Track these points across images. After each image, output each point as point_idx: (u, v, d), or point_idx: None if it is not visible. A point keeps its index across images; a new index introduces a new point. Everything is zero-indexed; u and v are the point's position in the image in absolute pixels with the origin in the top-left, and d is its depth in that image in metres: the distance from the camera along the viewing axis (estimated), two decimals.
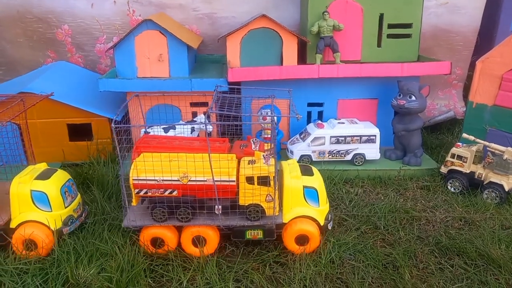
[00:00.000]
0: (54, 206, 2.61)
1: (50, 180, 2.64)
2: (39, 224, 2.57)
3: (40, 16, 4.23)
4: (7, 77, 4.43)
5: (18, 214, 2.58)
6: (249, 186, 2.47)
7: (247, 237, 2.59)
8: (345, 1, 3.70)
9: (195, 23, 4.32)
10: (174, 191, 2.48)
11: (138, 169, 2.45)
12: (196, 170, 2.43)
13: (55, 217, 2.61)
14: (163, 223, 2.54)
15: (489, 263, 2.49)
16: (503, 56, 3.40)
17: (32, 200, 2.57)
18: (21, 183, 2.58)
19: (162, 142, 2.73)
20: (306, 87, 3.75)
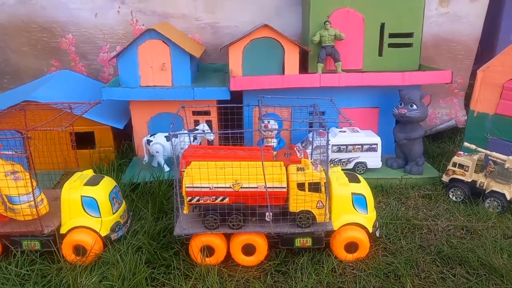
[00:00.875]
0: (103, 212, 2.62)
1: (99, 186, 2.67)
2: (89, 230, 2.59)
3: (44, 26, 4.28)
4: (11, 86, 4.47)
5: (68, 220, 2.59)
6: (300, 192, 2.47)
7: (296, 245, 2.59)
8: (347, 10, 3.73)
9: (197, 33, 4.36)
10: (226, 198, 2.49)
11: (191, 177, 2.46)
12: (247, 177, 2.44)
13: (104, 223, 2.63)
14: (214, 231, 2.54)
15: (491, 272, 2.48)
16: (504, 65, 3.42)
17: (82, 206, 2.59)
18: (71, 189, 2.60)
19: (208, 152, 2.78)
20: (307, 96, 3.76)
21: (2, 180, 2.48)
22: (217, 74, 4.29)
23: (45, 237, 2.57)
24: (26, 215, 2.53)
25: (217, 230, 2.54)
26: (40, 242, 2.58)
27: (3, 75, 4.55)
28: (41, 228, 2.54)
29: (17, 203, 2.51)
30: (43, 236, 2.56)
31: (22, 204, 2.51)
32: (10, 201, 2.51)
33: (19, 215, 2.53)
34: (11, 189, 2.47)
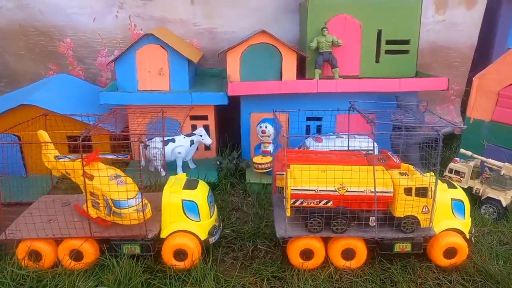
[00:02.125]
0: (202, 216, 2.61)
1: (198, 190, 2.65)
2: (190, 234, 2.57)
3: (42, 30, 4.28)
4: (8, 89, 4.46)
5: (169, 224, 2.58)
6: (407, 197, 2.46)
7: (395, 250, 2.58)
8: (344, 17, 3.76)
9: (195, 38, 4.38)
10: (330, 202, 2.48)
11: (296, 179, 2.46)
12: (353, 181, 2.43)
13: (203, 226, 2.62)
14: (317, 234, 2.53)
15: (487, 279, 2.49)
16: (500, 73, 3.45)
17: (183, 210, 2.57)
18: (172, 193, 2.58)
19: (299, 155, 2.79)
20: (305, 102, 3.78)
21: (108, 184, 2.45)
22: (215, 79, 4.30)
23: (145, 241, 2.54)
24: (132, 220, 2.49)
25: (320, 233, 2.52)
26: (140, 246, 2.56)
27: (0, 79, 4.55)
28: (146, 233, 2.51)
29: (125, 207, 2.47)
30: (144, 241, 2.54)
31: (129, 208, 2.48)
32: (117, 205, 2.47)
33: (126, 219, 2.49)
34: (119, 193, 2.45)
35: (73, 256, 2.52)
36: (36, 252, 2.51)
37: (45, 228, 2.54)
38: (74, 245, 2.51)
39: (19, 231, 2.51)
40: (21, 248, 2.52)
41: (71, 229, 2.51)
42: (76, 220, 2.61)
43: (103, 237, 2.54)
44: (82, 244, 2.51)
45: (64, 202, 2.89)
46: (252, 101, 3.75)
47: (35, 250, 2.51)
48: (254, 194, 3.47)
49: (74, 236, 2.50)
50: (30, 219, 2.56)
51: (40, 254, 2.51)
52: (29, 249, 2.50)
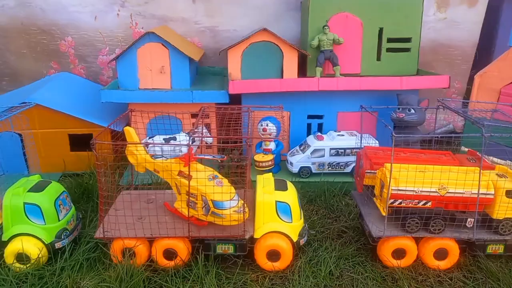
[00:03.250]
0: (294, 218, 2.57)
1: (289, 192, 2.62)
2: (282, 235, 2.54)
3: (44, 28, 4.30)
4: (10, 88, 4.48)
5: (262, 225, 2.54)
6: (509, 200, 2.44)
7: (488, 251, 2.57)
8: (345, 15, 3.76)
9: (197, 36, 4.38)
10: (428, 203, 2.47)
11: (397, 179, 2.44)
12: (453, 182, 2.41)
13: (295, 228, 2.58)
14: (414, 234, 2.52)
15: (488, 276, 2.49)
16: (501, 71, 3.45)
17: (276, 211, 2.55)
18: (266, 194, 2.56)
19: (388, 154, 2.75)
20: (306, 100, 3.79)
21: (207, 186, 2.43)
22: (216, 78, 4.30)
23: (239, 241, 2.53)
24: (233, 220, 2.46)
25: (417, 234, 2.51)
26: (234, 246, 2.54)
27: (2, 77, 4.57)
28: (243, 233, 2.50)
29: (225, 208, 2.45)
30: (237, 241, 2.53)
31: (230, 209, 2.45)
32: (217, 206, 2.45)
33: (226, 220, 2.46)
34: (220, 195, 2.43)
35: (168, 255, 2.53)
36: (130, 250, 2.51)
37: (137, 228, 2.52)
38: (169, 244, 2.51)
39: (117, 230, 2.50)
40: (116, 246, 2.52)
41: (168, 229, 2.50)
42: (168, 219, 2.61)
43: (199, 237, 2.52)
44: (175, 243, 2.51)
45: (149, 199, 2.88)
46: (253, 99, 3.76)
47: (129, 248, 2.50)
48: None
49: (172, 236, 2.50)
50: (122, 218, 2.54)
51: (133, 252, 2.51)
52: (124, 247, 2.50)
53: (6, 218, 2.53)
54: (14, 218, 2.53)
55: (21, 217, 2.53)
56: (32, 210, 2.53)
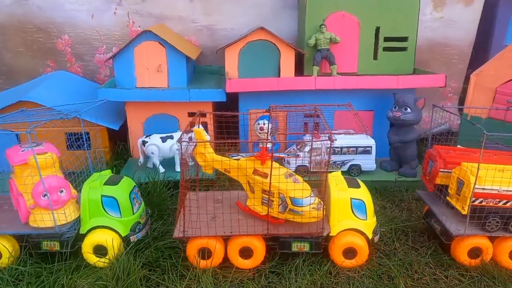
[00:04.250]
0: (369, 214, 2.58)
1: (363, 188, 2.63)
2: (356, 232, 2.55)
3: (40, 26, 4.28)
4: (6, 86, 4.46)
5: (337, 222, 2.56)
6: None
7: None
8: (342, 14, 3.76)
9: (194, 35, 4.38)
10: (509, 202, 2.48)
11: (481, 178, 2.44)
12: None
13: (369, 225, 2.59)
14: (495, 234, 2.52)
15: (484, 274, 2.51)
16: (497, 70, 3.46)
17: (351, 208, 2.55)
18: (340, 191, 2.56)
19: (458, 153, 2.79)
20: (303, 99, 3.79)
21: (285, 183, 2.44)
22: (213, 76, 4.30)
23: (315, 239, 2.53)
24: (312, 217, 2.46)
25: (497, 233, 2.52)
26: (310, 244, 2.55)
27: None
28: (321, 230, 2.50)
29: (304, 205, 2.45)
30: (313, 238, 2.53)
31: (308, 206, 2.46)
32: (295, 203, 2.45)
33: (305, 217, 2.46)
34: (298, 192, 2.43)
35: (243, 254, 2.55)
36: (207, 249, 2.52)
37: (213, 226, 2.54)
38: (245, 242, 2.51)
39: (197, 228, 2.51)
40: (192, 246, 2.53)
41: (246, 226, 2.51)
42: (241, 218, 2.61)
43: (277, 234, 2.52)
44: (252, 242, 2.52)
45: (216, 199, 2.88)
46: (250, 98, 3.76)
47: (206, 247, 2.51)
48: None
49: (252, 233, 2.50)
50: (195, 217, 2.54)
51: (210, 252, 2.52)
52: (201, 246, 2.51)
53: (84, 211, 2.54)
54: (92, 211, 2.54)
55: (99, 210, 2.55)
56: (109, 203, 2.55)
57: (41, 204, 2.43)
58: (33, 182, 2.47)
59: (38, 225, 2.48)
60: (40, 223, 2.47)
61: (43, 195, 2.42)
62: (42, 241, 2.54)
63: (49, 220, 2.45)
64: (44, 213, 2.46)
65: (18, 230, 2.52)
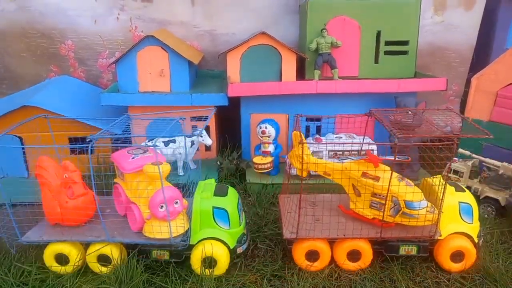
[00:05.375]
0: (474, 218, 2.58)
1: (467, 193, 2.63)
2: (465, 236, 2.54)
3: (44, 32, 4.32)
4: (10, 91, 4.49)
5: (446, 226, 2.54)
6: None
7: None
8: (343, 18, 3.78)
9: (196, 40, 4.41)
10: None
11: None
12: None
13: (475, 229, 2.59)
14: None
15: (485, 276, 2.51)
16: (498, 73, 3.47)
17: (459, 213, 2.55)
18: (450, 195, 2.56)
19: None
20: (304, 103, 3.81)
21: (399, 185, 2.43)
22: (215, 81, 4.33)
23: (422, 242, 2.55)
24: (427, 221, 2.45)
25: None
26: (417, 247, 2.56)
27: (2, 81, 4.58)
28: (434, 234, 2.50)
29: (418, 208, 2.44)
30: (421, 242, 2.54)
31: (422, 209, 2.45)
32: (410, 207, 2.45)
33: (420, 220, 2.45)
34: (412, 195, 2.43)
35: (350, 256, 2.56)
36: (314, 251, 2.55)
37: (321, 229, 2.56)
38: (353, 245, 2.54)
39: (310, 230, 2.53)
40: (299, 248, 2.55)
41: (355, 230, 2.53)
42: (342, 221, 2.62)
43: (391, 238, 2.53)
44: (360, 245, 2.54)
45: (312, 202, 2.89)
46: (252, 102, 3.78)
47: (313, 250, 2.54)
48: (254, 194, 3.49)
49: (365, 236, 2.52)
50: (302, 218, 2.54)
51: (317, 254, 2.55)
52: (309, 249, 2.54)
53: (195, 222, 2.52)
54: (202, 222, 2.53)
55: (209, 221, 2.53)
56: (220, 214, 2.53)
57: (159, 215, 2.40)
58: (147, 192, 2.46)
59: (154, 236, 2.45)
60: (157, 234, 2.44)
61: (160, 206, 2.40)
62: (152, 250, 2.53)
63: (165, 232, 2.43)
64: (159, 225, 2.44)
65: (133, 239, 2.51)
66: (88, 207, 2.57)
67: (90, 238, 2.51)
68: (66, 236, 2.52)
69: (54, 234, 2.56)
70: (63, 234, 2.54)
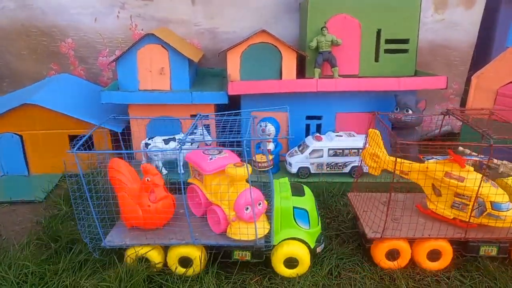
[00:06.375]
0: None
1: None
2: None
3: (44, 30, 4.32)
4: (11, 89, 4.50)
5: None
6: None
7: None
8: (343, 16, 3.78)
9: (196, 38, 4.41)
10: None
11: None
12: None
13: None
14: None
15: (485, 275, 2.51)
16: (498, 71, 3.47)
17: None
18: None
19: None
20: (304, 101, 3.81)
21: (486, 186, 2.42)
22: (216, 79, 4.33)
23: (503, 243, 2.54)
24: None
25: None
26: (497, 248, 2.55)
27: (3, 79, 4.58)
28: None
29: (506, 209, 2.44)
30: (502, 243, 2.54)
31: (510, 211, 2.44)
32: (496, 208, 2.43)
33: (507, 222, 2.43)
34: (499, 196, 2.42)
35: (431, 256, 2.57)
36: (395, 251, 2.55)
37: (400, 229, 2.57)
38: (434, 246, 2.54)
39: (396, 230, 2.54)
40: (380, 247, 2.56)
41: (440, 229, 2.54)
42: (421, 221, 2.62)
43: (474, 239, 2.53)
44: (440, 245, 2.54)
45: (383, 201, 2.86)
46: (252, 100, 3.78)
47: (395, 249, 2.55)
48: None
49: (450, 236, 2.52)
50: (383, 218, 2.55)
51: (398, 253, 2.55)
52: (390, 248, 2.55)
53: (276, 223, 2.52)
54: (283, 222, 2.53)
55: (290, 221, 2.53)
56: (300, 214, 2.54)
57: (245, 217, 2.39)
58: (229, 194, 2.45)
59: (240, 237, 2.44)
60: (243, 236, 2.43)
61: (246, 208, 2.39)
62: (234, 251, 2.53)
63: (252, 233, 2.42)
64: (244, 226, 2.43)
65: (217, 241, 2.49)
66: (168, 209, 2.57)
67: (174, 240, 2.50)
68: (150, 239, 2.52)
69: (135, 237, 2.54)
70: (147, 237, 2.53)
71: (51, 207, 3.33)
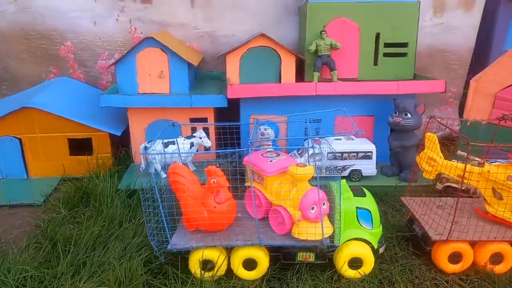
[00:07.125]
0: None
1: None
2: None
3: (44, 33, 4.32)
4: (10, 92, 4.50)
5: None
6: None
7: None
8: (343, 20, 3.79)
9: (195, 41, 4.42)
10: None
11: None
12: None
13: None
14: None
15: (484, 278, 2.51)
16: (496, 75, 3.48)
17: None
18: None
19: None
20: (304, 104, 3.82)
21: None
22: (215, 82, 4.33)
23: None
24: None
25: None
26: None
27: (2, 82, 4.58)
28: None
29: None
30: None
31: None
32: None
33: None
34: None
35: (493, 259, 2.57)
36: (457, 254, 2.55)
37: (460, 231, 2.56)
38: (495, 249, 2.53)
39: (462, 232, 2.54)
40: (442, 249, 2.56)
41: (494, 232, 2.54)
42: (481, 224, 2.61)
43: None
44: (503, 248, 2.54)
45: (439, 205, 2.87)
46: (251, 103, 3.79)
47: (457, 252, 2.55)
48: None
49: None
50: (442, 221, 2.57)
51: (460, 256, 2.56)
52: (452, 251, 2.55)
53: (341, 223, 2.52)
54: (346, 222, 2.52)
55: (353, 222, 2.53)
56: (364, 215, 2.54)
57: (311, 217, 2.40)
58: (291, 194, 2.45)
59: (307, 238, 2.42)
60: (310, 236, 2.42)
61: (311, 207, 2.39)
62: (298, 252, 2.52)
63: (318, 233, 2.42)
64: (311, 226, 2.42)
65: (284, 241, 2.48)
66: (232, 211, 2.57)
67: (240, 242, 2.49)
68: (216, 241, 2.50)
69: (200, 239, 2.53)
70: (213, 239, 2.51)
71: (50, 211, 3.32)
